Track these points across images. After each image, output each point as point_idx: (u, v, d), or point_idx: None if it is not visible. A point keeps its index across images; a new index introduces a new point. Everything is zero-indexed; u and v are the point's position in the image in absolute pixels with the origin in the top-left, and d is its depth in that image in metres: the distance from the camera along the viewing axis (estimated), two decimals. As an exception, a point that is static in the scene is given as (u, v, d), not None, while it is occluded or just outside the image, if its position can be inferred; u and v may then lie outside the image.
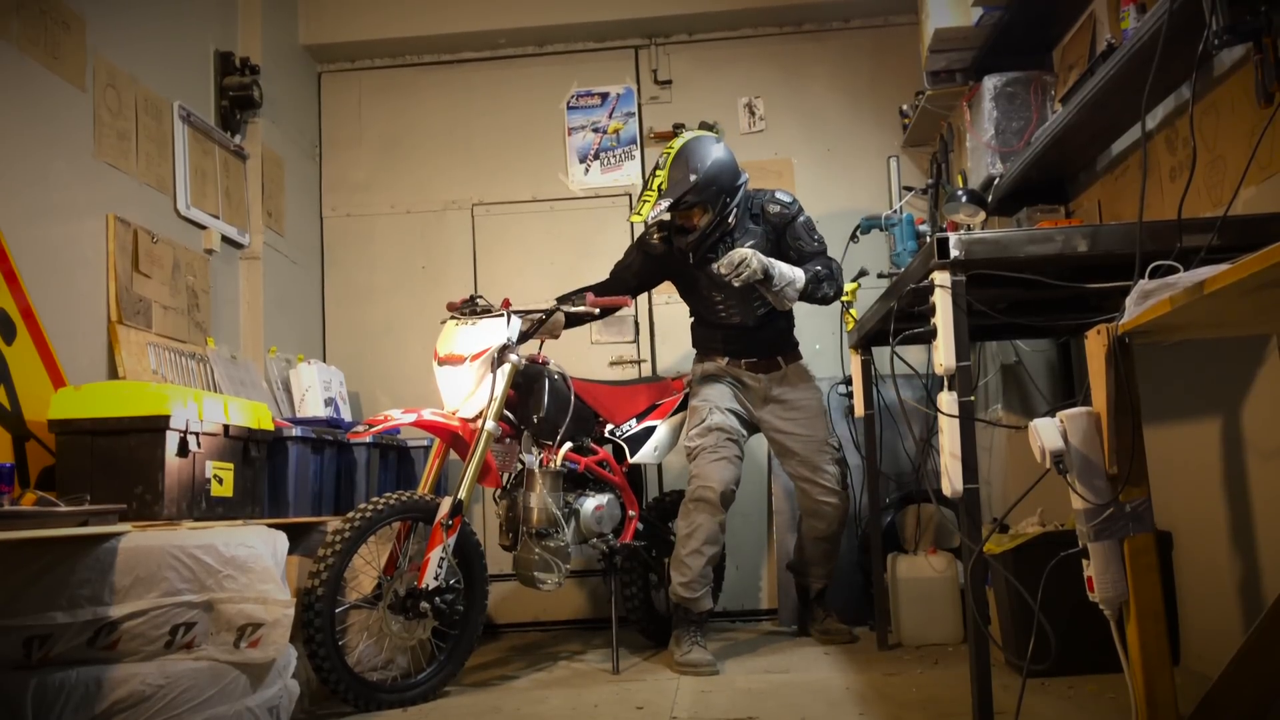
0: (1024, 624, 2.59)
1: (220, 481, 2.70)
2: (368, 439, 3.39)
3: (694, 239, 3.17)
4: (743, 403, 3.31)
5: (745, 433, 3.30)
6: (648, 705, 2.58)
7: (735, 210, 3.17)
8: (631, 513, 3.34)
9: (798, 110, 4.38)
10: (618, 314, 4.25)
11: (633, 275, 3.40)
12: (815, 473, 3.26)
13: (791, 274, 3.08)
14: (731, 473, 3.14)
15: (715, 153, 3.12)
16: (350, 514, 2.62)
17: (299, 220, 4.30)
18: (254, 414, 2.86)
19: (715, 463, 3.13)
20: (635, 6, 4.29)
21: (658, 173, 3.11)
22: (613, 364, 4.29)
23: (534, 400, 3.07)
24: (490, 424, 2.86)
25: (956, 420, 1.94)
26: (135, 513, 2.45)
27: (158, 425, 2.49)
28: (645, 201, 3.07)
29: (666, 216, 3.21)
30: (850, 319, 3.43)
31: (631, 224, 4.38)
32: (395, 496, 2.71)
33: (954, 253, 1.96)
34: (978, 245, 1.98)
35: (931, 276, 2.00)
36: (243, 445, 2.81)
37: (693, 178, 3.06)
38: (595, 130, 4.43)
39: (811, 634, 3.49)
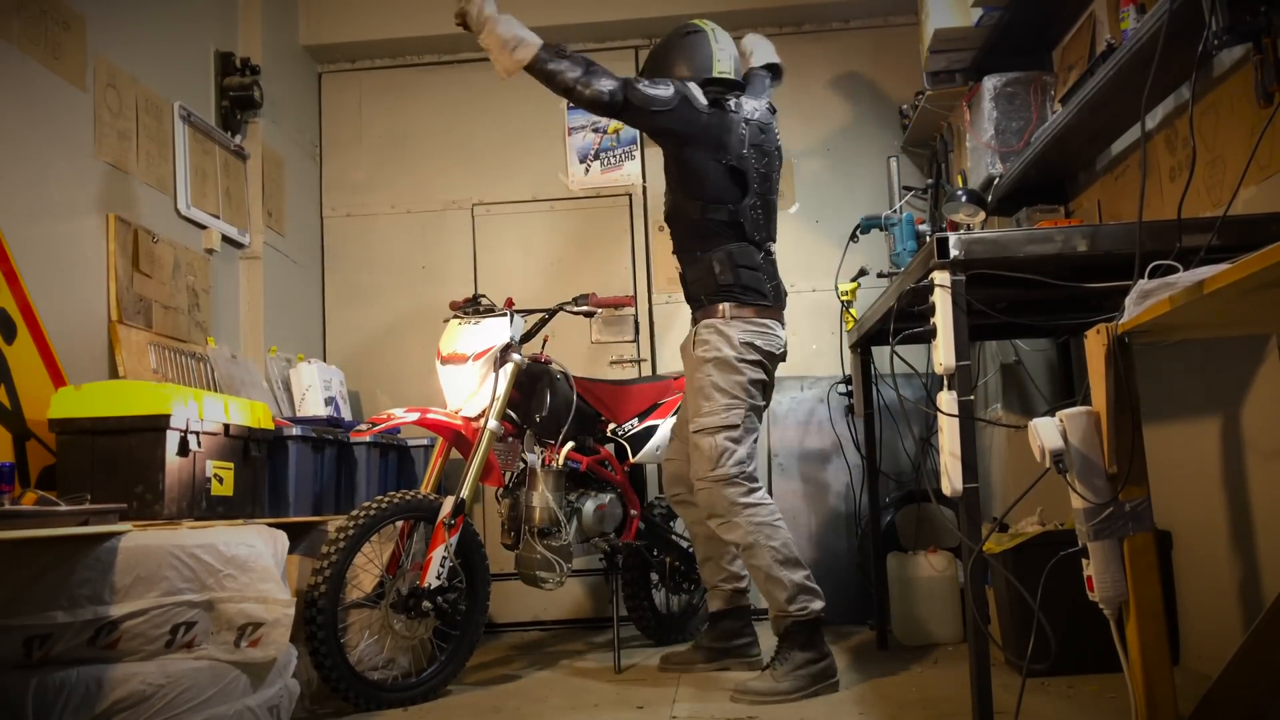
0: (1024, 623, 2.59)
1: (220, 481, 2.70)
2: (369, 438, 3.40)
3: None
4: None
5: None
6: (648, 705, 2.58)
7: None
8: (633, 512, 3.34)
9: (797, 110, 4.38)
10: (618, 313, 4.26)
11: None
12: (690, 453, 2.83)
13: (516, 33, 2.75)
14: (670, 470, 3.05)
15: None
16: (353, 512, 2.63)
17: (299, 220, 4.30)
18: (254, 413, 2.86)
19: (664, 463, 3.10)
20: (635, 7, 4.29)
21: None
22: (613, 363, 4.29)
23: (536, 399, 3.08)
24: (493, 423, 2.87)
25: (956, 420, 1.95)
26: (135, 512, 2.45)
27: (158, 424, 2.50)
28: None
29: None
30: (850, 319, 3.43)
31: (632, 222, 4.39)
32: (398, 495, 2.72)
33: (954, 252, 1.97)
34: (977, 245, 1.98)
35: (931, 276, 2.00)
36: (243, 444, 2.81)
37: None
38: (595, 130, 4.43)
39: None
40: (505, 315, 3.03)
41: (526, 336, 3.17)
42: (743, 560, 2.79)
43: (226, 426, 2.72)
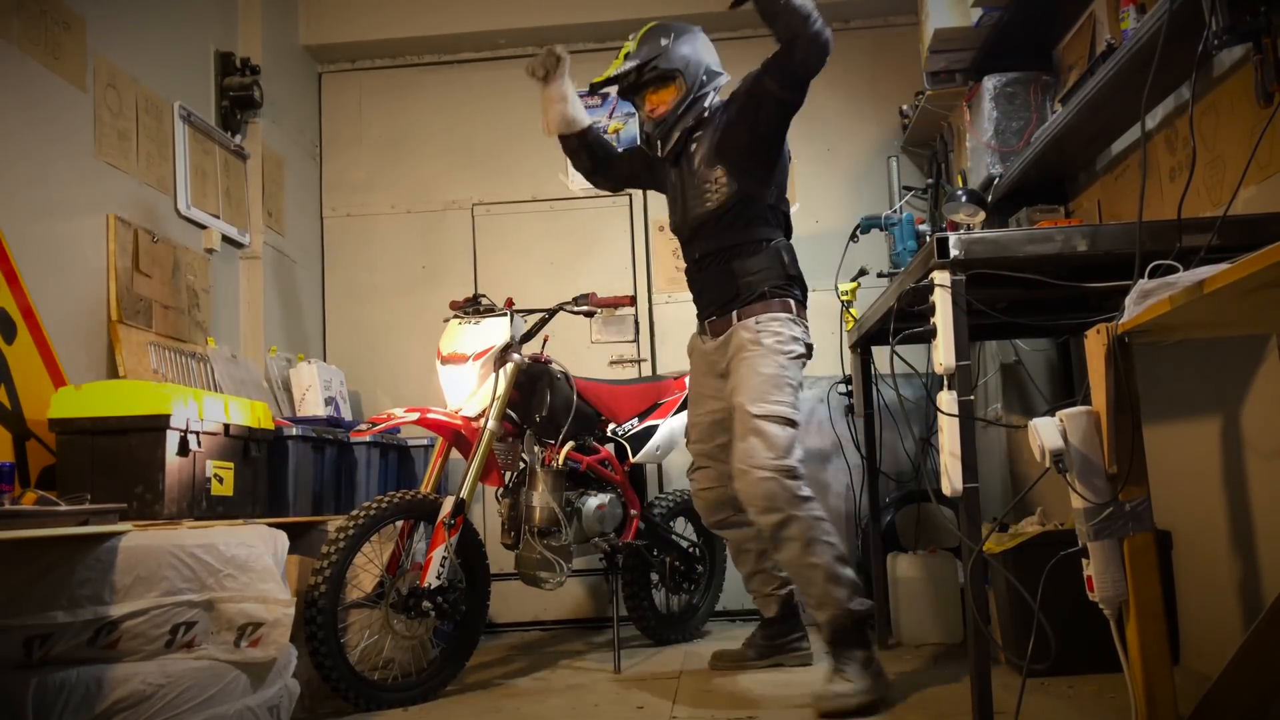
0: (1024, 623, 2.59)
1: (220, 481, 2.70)
2: (369, 438, 3.40)
3: (664, 113, 2.82)
4: (718, 390, 2.82)
5: (725, 438, 2.80)
6: (648, 705, 2.58)
7: (712, 97, 2.84)
8: (633, 512, 3.34)
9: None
10: (618, 313, 4.26)
11: (624, 157, 3.11)
12: (736, 443, 2.62)
13: None
14: (710, 498, 2.94)
15: (698, 32, 2.86)
16: (353, 512, 2.63)
17: (299, 220, 4.30)
18: (254, 413, 2.86)
19: (697, 494, 3.00)
20: (635, 7, 4.28)
21: (626, 43, 2.86)
22: (612, 363, 4.29)
23: (536, 399, 3.08)
24: (493, 423, 2.87)
25: (956, 420, 1.95)
26: (135, 512, 2.45)
27: (158, 424, 2.50)
28: (612, 65, 2.83)
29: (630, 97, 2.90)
30: (850, 319, 3.43)
31: (632, 222, 4.40)
32: (398, 495, 2.72)
33: (954, 252, 1.97)
34: (977, 245, 1.98)
35: (931, 276, 2.00)
36: (243, 444, 2.81)
37: (664, 41, 2.78)
38: (595, 130, 4.43)
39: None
40: (505, 315, 3.03)
41: (526, 336, 3.17)
42: (797, 558, 2.55)
43: (226, 426, 2.72)
